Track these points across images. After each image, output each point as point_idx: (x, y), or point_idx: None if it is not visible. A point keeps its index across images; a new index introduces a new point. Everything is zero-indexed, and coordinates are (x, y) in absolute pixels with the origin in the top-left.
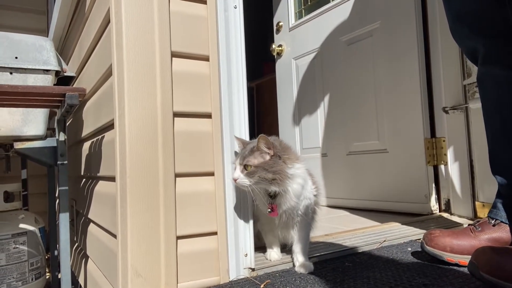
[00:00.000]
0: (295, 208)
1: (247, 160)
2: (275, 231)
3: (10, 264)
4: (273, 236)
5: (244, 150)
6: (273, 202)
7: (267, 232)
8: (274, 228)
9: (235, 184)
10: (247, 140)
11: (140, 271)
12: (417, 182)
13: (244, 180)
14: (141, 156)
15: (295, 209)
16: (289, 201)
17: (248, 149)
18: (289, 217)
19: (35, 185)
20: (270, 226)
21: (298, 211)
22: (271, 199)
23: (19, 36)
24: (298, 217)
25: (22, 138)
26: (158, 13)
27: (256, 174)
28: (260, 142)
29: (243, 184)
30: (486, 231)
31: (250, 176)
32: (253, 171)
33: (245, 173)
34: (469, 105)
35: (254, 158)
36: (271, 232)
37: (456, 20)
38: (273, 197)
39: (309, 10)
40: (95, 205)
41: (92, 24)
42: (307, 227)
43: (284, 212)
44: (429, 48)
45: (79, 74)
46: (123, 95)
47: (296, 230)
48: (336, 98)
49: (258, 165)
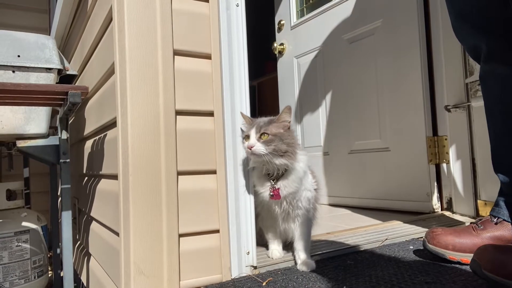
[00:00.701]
0: (296, 194)
1: (265, 129)
2: (276, 225)
3: (13, 262)
4: (274, 232)
5: (259, 121)
6: (274, 185)
7: (268, 228)
8: (275, 223)
9: (250, 152)
10: (253, 118)
11: (142, 268)
12: (419, 181)
13: (261, 147)
14: (144, 154)
15: (296, 196)
16: (291, 184)
17: (263, 121)
18: (290, 205)
19: (37, 183)
20: (271, 222)
21: (299, 201)
22: (272, 183)
23: (22, 34)
24: (299, 209)
25: (25, 137)
26: (160, 11)
27: (273, 143)
28: (285, 112)
29: (259, 152)
30: (488, 229)
31: (267, 145)
32: (271, 139)
33: (262, 141)
34: (472, 104)
35: (272, 127)
36: (272, 228)
37: (459, 18)
38: (274, 181)
39: (311, 8)
40: (98, 203)
41: (94, 22)
42: (308, 223)
43: (285, 199)
44: (431, 46)
45: (81, 72)
46: (126, 93)
47: (298, 225)
48: (338, 96)
49: (276, 134)
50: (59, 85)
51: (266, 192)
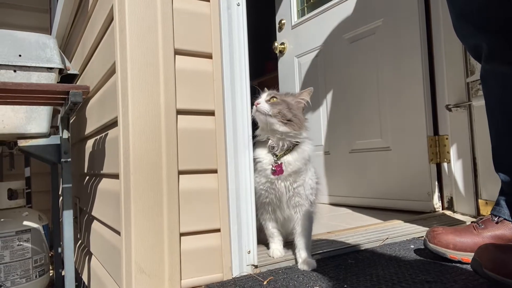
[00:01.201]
0: (299, 177)
1: (275, 94)
2: (276, 216)
3: (14, 261)
4: (275, 227)
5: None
6: (278, 161)
7: (268, 221)
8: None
9: (255, 109)
10: None
11: (144, 267)
12: (420, 180)
13: (265, 106)
14: (145, 154)
15: (299, 179)
16: (295, 162)
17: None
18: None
19: (38, 182)
20: (272, 216)
21: (301, 187)
22: (275, 158)
23: (23, 34)
24: (301, 197)
25: (26, 136)
26: (162, 11)
27: (279, 106)
28: (307, 91)
29: (263, 110)
30: (489, 229)
31: (272, 106)
32: (278, 103)
33: (269, 103)
34: (473, 103)
35: (284, 96)
36: (272, 222)
37: (460, 17)
38: (278, 157)
39: (312, 7)
40: (99, 203)
41: (95, 22)
42: (310, 218)
43: (289, 178)
44: (432, 45)
45: (82, 71)
46: (127, 92)
47: (299, 217)
48: (338, 96)
49: (285, 100)
50: (60, 84)
51: (268, 169)
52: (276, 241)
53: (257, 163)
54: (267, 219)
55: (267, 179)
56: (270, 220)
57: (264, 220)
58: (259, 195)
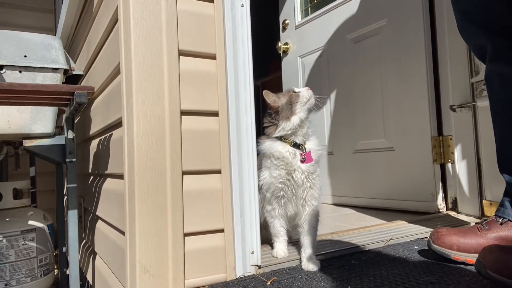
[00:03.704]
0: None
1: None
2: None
3: (19, 261)
4: (282, 225)
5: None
6: (304, 149)
7: (275, 218)
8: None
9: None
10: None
11: (148, 267)
12: (424, 181)
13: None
14: (149, 154)
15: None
16: (318, 146)
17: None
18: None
19: (43, 182)
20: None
21: (317, 178)
22: (302, 148)
23: (28, 35)
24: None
25: (31, 136)
26: (166, 12)
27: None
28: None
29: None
30: (494, 230)
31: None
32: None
33: None
34: (477, 103)
35: None
36: (280, 220)
37: (464, 17)
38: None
39: (316, 8)
40: (103, 202)
41: (100, 23)
42: (317, 215)
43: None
44: (437, 45)
45: (87, 72)
46: (131, 93)
47: (307, 213)
48: (342, 96)
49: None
50: (65, 85)
51: (295, 160)
52: (281, 240)
53: (276, 159)
54: (275, 216)
55: (288, 170)
56: (278, 218)
57: (272, 217)
58: (273, 190)
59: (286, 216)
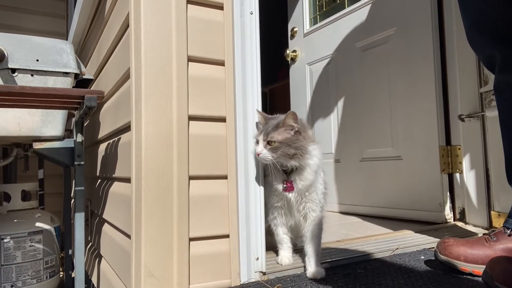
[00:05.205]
0: (310, 187)
1: (271, 136)
2: (287, 220)
3: (26, 262)
4: (285, 233)
5: (267, 126)
6: (288, 178)
7: (278, 226)
8: (287, 216)
9: (257, 158)
10: (268, 115)
11: (153, 271)
12: (432, 190)
13: (267, 155)
14: (157, 158)
15: (311, 188)
16: (306, 177)
17: (272, 124)
18: (304, 196)
19: (50, 184)
20: (282, 220)
21: (314, 193)
22: (286, 176)
23: (40, 39)
24: (313, 202)
25: (41, 139)
26: (176, 18)
27: (279, 149)
28: (288, 117)
29: (265, 159)
30: (502, 241)
31: (273, 151)
32: (277, 146)
33: (268, 148)
34: (486, 113)
35: (278, 134)
36: (283, 228)
37: (473, 27)
38: (288, 173)
39: (324, 16)
40: (110, 206)
41: (111, 28)
42: (320, 224)
43: (299, 191)
44: (445, 55)
45: (97, 77)
46: (140, 97)
47: (309, 223)
48: (350, 104)
49: (282, 141)
50: (76, 89)
51: (279, 185)
52: (285, 248)
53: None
54: (278, 224)
55: (278, 191)
56: (281, 225)
57: (275, 225)
58: (272, 200)
59: (287, 226)
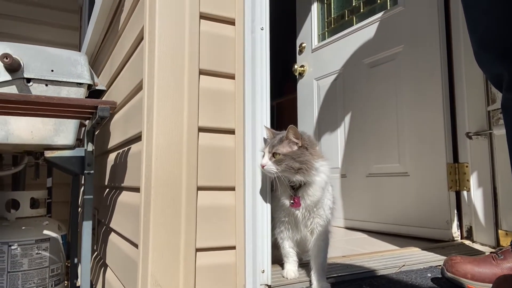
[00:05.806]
0: (318, 203)
1: (276, 148)
2: (293, 234)
3: (32, 269)
4: (291, 247)
5: (274, 140)
6: (295, 194)
7: (284, 240)
8: (293, 231)
9: (262, 170)
10: (276, 131)
11: (159, 280)
12: (439, 208)
13: (271, 167)
14: (166, 168)
15: (318, 204)
16: (313, 193)
17: (278, 138)
18: (312, 212)
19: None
20: (289, 234)
21: (321, 209)
22: (293, 191)
23: (56, 50)
24: (320, 218)
25: (53, 147)
26: (189, 33)
27: (284, 162)
28: (289, 132)
29: (270, 171)
30: (509, 260)
31: (278, 164)
32: (281, 159)
33: (273, 161)
34: (494, 131)
35: (282, 147)
36: (289, 241)
37: (481, 45)
38: (296, 189)
39: (333, 32)
40: (118, 215)
41: (125, 41)
42: (326, 239)
43: (307, 207)
44: (453, 72)
45: (109, 87)
46: (152, 109)
47: (316, 238)
48: (357, 119)
49: (287, 153)
50: (90, 99)
51: (287, 200)
52: (291, 261)
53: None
54: (285, 237)
55: (285, 206)
56: (288, 239)
57: (282, 239)
58: (278, 214)
59: (294, 240)
